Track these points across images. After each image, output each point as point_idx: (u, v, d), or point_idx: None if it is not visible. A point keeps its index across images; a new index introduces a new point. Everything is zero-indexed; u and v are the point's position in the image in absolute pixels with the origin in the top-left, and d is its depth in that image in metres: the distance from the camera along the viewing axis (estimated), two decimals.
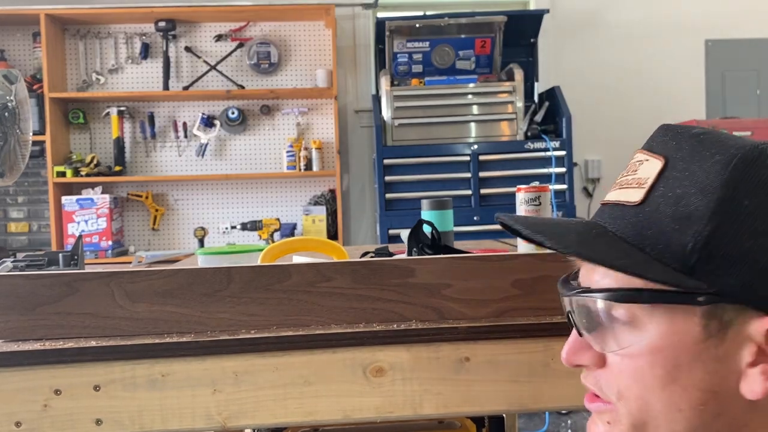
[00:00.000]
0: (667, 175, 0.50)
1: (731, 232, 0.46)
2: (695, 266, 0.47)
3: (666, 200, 0.49)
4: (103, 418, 0.79)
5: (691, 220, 0.47)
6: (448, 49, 3.36)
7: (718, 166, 0.47)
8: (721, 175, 0.47)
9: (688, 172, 0.49)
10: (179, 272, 0.84)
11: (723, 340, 0.47)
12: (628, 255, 0.50)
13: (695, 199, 0.48)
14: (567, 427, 2.87)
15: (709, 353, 0.47)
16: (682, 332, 0.48)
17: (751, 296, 0.46)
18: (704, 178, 0.48)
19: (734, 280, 0.46)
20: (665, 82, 3.76)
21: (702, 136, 0.50)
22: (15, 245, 3.44)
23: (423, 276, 0.85)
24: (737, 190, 0.46)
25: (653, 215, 0.50)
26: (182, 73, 3.57)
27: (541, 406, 0.84)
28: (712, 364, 0.47)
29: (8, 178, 1.28)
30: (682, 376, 0.48)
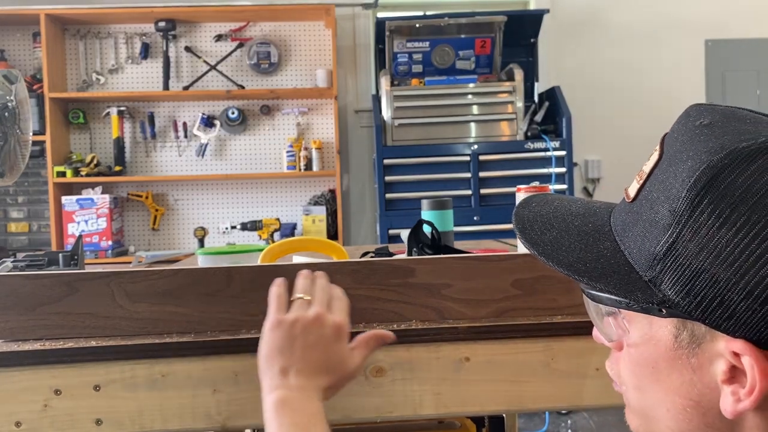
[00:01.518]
0: (656, 173, 0.48)
1: (689, 247, 0.43)
2: (657, 277, 0.46)
3: (646, 203, 0.48)
4: (103, 418, 0.79)
5: (656, 229, 0.46)
6: (448, 49, 3.37)
7: (685, 173, 0.44)
8: (686, 183, 0.44)
9: (667, 174, 0.46)
10: (179, 272, 0.84)
11: (695, 353, 0.45)
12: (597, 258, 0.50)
13: (662, 206, 0.45)
14: (567, 427, 2.87)
15: (683, 362, 0.46)
16: (657, 338, 0.47)
17: (710, 316, 0.43)
18: (673, 185, 0.45)
19: (692, 298, 0.44)
20: (665, 82, 3.76)
21: (699, 129, 0.46)
22: (15, 245, 3.44)
23: (423, 276, 0.85)
24: (698, 204, 0.43)
25: (636, 216, 0.49)
26: (182, 73, 3.57)
27: (540, 406, 0.84)
28: (688, 374, 0.46)
29: (8, 178, 1.28)
30: (662, 378, 0.48)
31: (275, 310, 0.74)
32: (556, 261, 0.51)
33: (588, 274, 0.49)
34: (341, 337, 0.74)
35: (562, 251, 0.52)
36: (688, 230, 0.43)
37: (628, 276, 0.48)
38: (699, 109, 0.49)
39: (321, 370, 0.73)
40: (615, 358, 0.55)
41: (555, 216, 0.56)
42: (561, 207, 0.57)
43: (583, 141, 3.55)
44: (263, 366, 0.73)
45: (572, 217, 0.56)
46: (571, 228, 0.54)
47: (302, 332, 0.73)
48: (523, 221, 0.56)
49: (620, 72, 3.75)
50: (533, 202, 0.59)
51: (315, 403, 0.71)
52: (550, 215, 0.56)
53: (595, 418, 2.89)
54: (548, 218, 0.56)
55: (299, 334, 0.72)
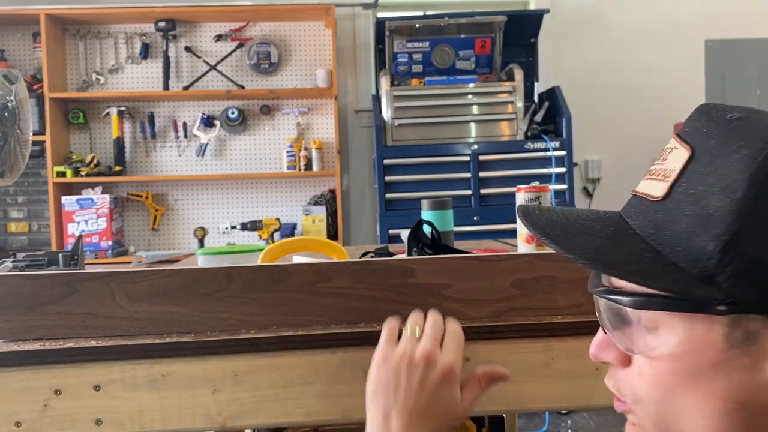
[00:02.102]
0: (691, 168, 0.46)
1: (754, 238, 0.42)
2: (714, 273, 0.43)
3: (688, 198, 0.45)
4: (103, 418, 0.79)
5: (711, 222, 0.43)
6: (448, 49, 3.37)
7: (744, 161, 0.43)
8: (746, 172, 0.42)
9: (713, 166, 0.44)
10: (179, 272, 0.84)
11: (748, 351, 0.44)
12: (640, 259, 0.47)
13: (716, 198, 0.43)
14: (567, 427, 2.87)
15: (732, 363, 0.44)
16: (702, 340, 0.45)
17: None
18: (728, 175, 0.43)
19: (757, 290, 0.42)
20: (665, 82, 3.76)
21: (736, 122, 0.45)
22: (15, 245, 3.44)
23: (423, 276, 0.85)
24: (763, 191, 0.42)
25: (674, 213, 0.46)
26: (182, 73, 3.57)
27: (540, 406, 0.84)
28: (736, 375, 0.44)
29: (8, 178, 1.28)
30: (703, 385, 0.45)
31: (385, 341, 0.72)
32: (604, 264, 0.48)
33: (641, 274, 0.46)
34: (450, 379, 0.70)
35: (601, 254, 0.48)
36: (750, 220, 0.42)
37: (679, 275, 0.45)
38: (717, 106, 0.47)
39: (424, 415, 0.68)
40: (624, 374, 0.51)
41: (569, 221, 0.53)
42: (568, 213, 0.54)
43: (583, 141, 3.55)
44: (369, 400, 0.70)
45: (589, 221, 0.52)
46: (595, 230, 0.51)
47: (408, 371, 0.69)
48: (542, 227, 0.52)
49: (620, 72, 3.75)
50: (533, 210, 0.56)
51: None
52: (562, 220, 0.53)
53: (595, 418, 2.89)
54: (563, 224, 0.52)
55: (404, 372, 0.69)
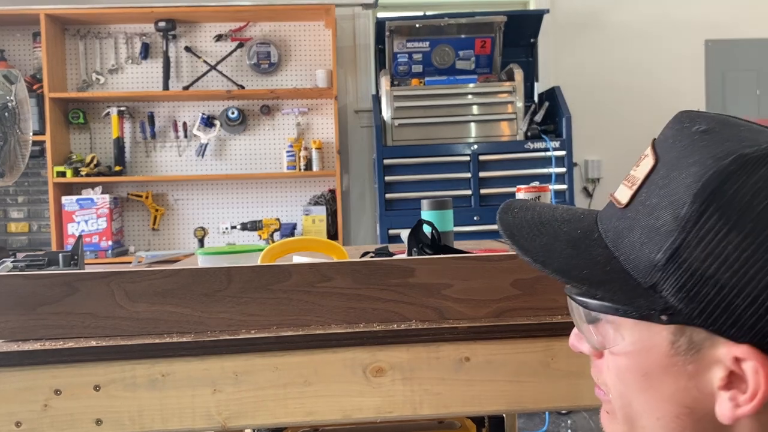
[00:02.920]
0: (652, 179, 0.48)
1: (696, 254, 0.43)
2: (658, 284, 0.45)
3: (644, 208, 0.47)
4: (103, 418, 0.79)
5: (658, 235, 0.45)
6: (448, 49, 3.37)
7: (691, 178, 0.44)
8: (692, 189, 0.43)
9: (668, 179, 0.46)
10: (179, 272, 0.84)
11: (693, 359, 0.45)
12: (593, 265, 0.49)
13: (665, 212, 0.45)
14: (567, 427, 2.88)
15: (678, 369, 0.46)
16: (651, 344, 0.47)
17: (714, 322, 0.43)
18: (676, 190, 0.44)
19: (696, 304, 0.43)
20: (665, 82, 3.76)
21: (699, 135, 0.46)
22: (15, 245, 3.44)
23: (423, 276, 0.85)
24: (706, 208, 0.42)
25: (632, 222, 0.48)
26: (182, 73, 3.57)
27: (540, 406, 0.84)
28: (683, 381, 0.46)
29: (8, 178, 1.28)
30: (655, 386, 0.47)
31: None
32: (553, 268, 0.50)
33: (587, 281, 0.48)
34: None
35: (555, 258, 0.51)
36: (694, 236, 0.43)
37: (626, 283, 0.47)
38: (691, 115, 0.48)
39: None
40: (599, 365, 0.54)
41: (541, 222, 0.55)
42: (544, 213, 0.56)
43: (582, 141, 3.55)
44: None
45: (558, 222, 0.54)
46: (559, 233, 0.53)
47: None
48: (510, 227, 0.55)
49: (620, 72, 3.75)
50: (515, 207, 0.58)
51: None
52: (535, 221, 0.55)
53: (595, 418, 2.89)
54: (534, 224, 0.55)
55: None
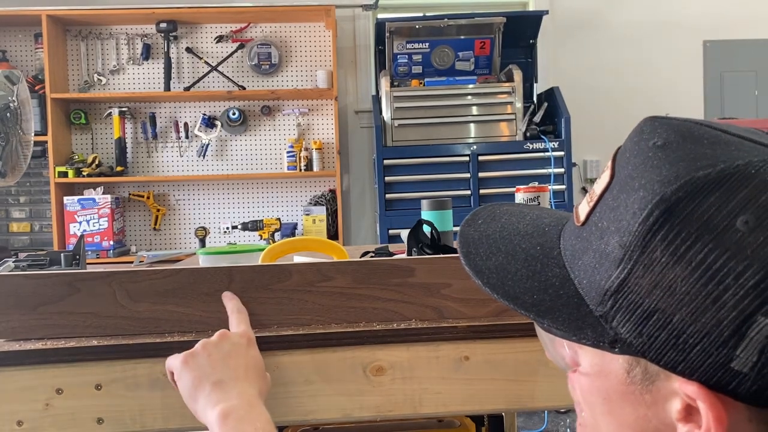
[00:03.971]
0: (605, 198, 0.44)
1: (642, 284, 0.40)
2: (608, 313, 0.42)
3: (596, 230, 0.44)
4: (105, 418, 0.80)
5: (607, 261, 0.42)
6: (447, 50, 3.37)
7: (637, 204, 0.40)
8: (637, 216, 0.40)
9: (617, 201, 0.42)
10: (180, 272, 0.84)
11: (649, 390, 0.42)
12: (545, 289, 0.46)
13: (613, 238, 0.42)
14: (566, 426, 2.88)
15: (636, 397, 0.43)
16: (608, 370, 0.44)
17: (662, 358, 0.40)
18: (623, 216, 0.41)
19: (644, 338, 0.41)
20: (663, 83, 3.77)
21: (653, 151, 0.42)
22: (17, 245, 3.45)
23: (423, 275, 0.86)
24: (651, 239, 0.39)
25: (586, 244, 0.45)
26: (183, 74, 3.58)
27: (539, 404, 0.85)
28: (642, 409, 0.43)
29: (10, 178, 1.29)
30: (615, 410, 0.45)
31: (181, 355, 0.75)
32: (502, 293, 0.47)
33: (535, 308, 0.46)
34: (252, 342, 0.77)
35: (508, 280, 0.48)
36: (641, 267, 0.40)
37: (578, 310, 0.44)
38: (653, 125, 0.45)
39: (248, 374, 0.74)
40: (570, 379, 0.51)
41: (502, 236, 0.52)
42: (508, 225, 0.53)
43: (581, 141, 3.55)
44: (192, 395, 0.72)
45: (519, 237, 0.51)
46: (517, 251, 0.50)
47: (215, 349, 0.74)
48: (468, 243, 0.51)
49: (619, 73, 3.76)
50: (480, 218, 0.55)
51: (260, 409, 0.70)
52: (496, 235, 0.52)
53: None
54: (494, 239, 0.51)
55: (213, 351, 0.74)
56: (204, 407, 0.71)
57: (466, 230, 0.53)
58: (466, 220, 0.55)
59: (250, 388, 0.72)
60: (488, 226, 0.53)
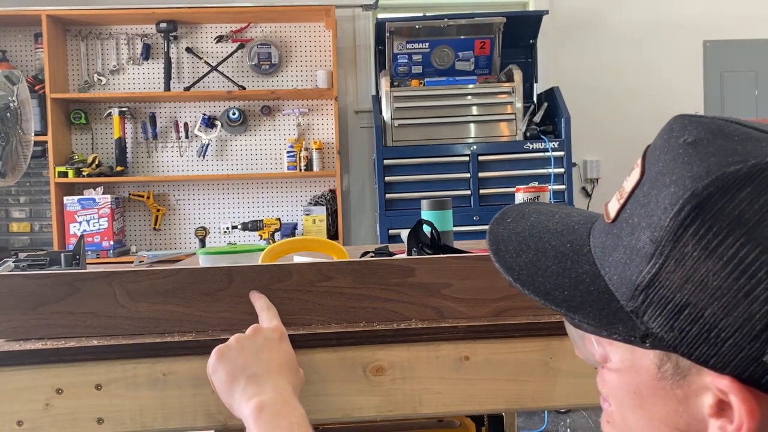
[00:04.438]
0: (636, 194, 0.45)
1: (673, 279, 0.41)
2: (639, 308, 0.43)
3: (627, 226, 0.45)
4: (105, 417, 0.80)
5: (638, 257, 0.43)
6: (447, 50, 3.37)
7: (668, 200, 0.41)
8: (669, 211, 0.40)
9: (648, 198, 0.43)
10: (180, 272, 0.84)
11: (680, 385, 0.43)
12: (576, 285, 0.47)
13: (644, 234, 0.42)
14: (566, 426, 2.88)
15: (667, 392, 0.44)
16: (639, 365, 0.45)
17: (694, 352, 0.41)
18: (654, 212, 0.42)
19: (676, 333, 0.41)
20: (664, 83, 3.77)
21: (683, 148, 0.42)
22: (17, 245, 3.45)
23: (423, 275, 0.86)
24: (682, 234, 0.40)
25: (616, 240, 0.45)
26: (183, 74, 3.58)
27: (539, 404, 0.85)
28: (672, 404, 0.44)
29: (10, 178, 1.29)
30: (646, 405, 0.45)
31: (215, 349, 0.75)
32: (533, 289, 0.48)
33: (566, 303, 0.46)
34: (284, 337, 0.77)
35: (538, 276, 0.49)
36: (672, 261, 0.40)
37: (609, 305, 0.45)
38: (683, 122, 0.45)
39: (282, 369, 0.74)
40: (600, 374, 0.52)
41: (531, 234, 0.53)
42: (538, 223, 0.54)
43: (581, 141, 3.55)
44: (228, 389, 0.72)
45: (549, 235, 0.52)
46: (548, 248, 0.51)
47: (248, 342, 0.74)
48: (497, 241, 0.52)
49: (619, 73, 3.76)
50: (509, 217, 0.56)
51: (294, 404, 0.70)
52: (526, 233, 0.53)
53: (594, 417, 2.89)
54: (524, 237, 0.52)
55: (246, 345, 0.74)
56: (239, 401, 0.71)
57: (495, 228, 0.54)
58: (495, 218, 0.56)
59: (284, 383, 0.72)
60: (517, 224, 0.54)
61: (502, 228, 0.54)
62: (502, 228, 0.54)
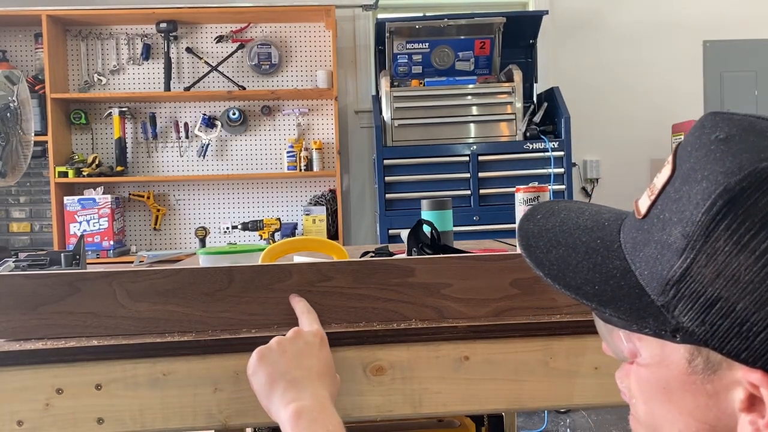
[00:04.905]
0: (667, 190, 0.45)
1: (705, 273, 0.41)
2: (670, 303, 0.43)
3: (658, 222, 0.45)
4: (105, 417, 0.80)
5: (669, 252, 0.43)
6: (447, 50, 3.37)
7: (700, 195, 0.41)
8: (700, 206, 0.41)
9: (680, 193, 0.43)
10: (181, 272, 0.84)
11: (711, 379, 0.43)
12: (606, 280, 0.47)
13: (676, 229, 0.43)
14: (566, 425, 2.88)
15: (697, 387, 0.44)
16: (669, 360, 0.45)
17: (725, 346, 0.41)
18: (686, 207, 0.42)
19: (707, 327, 0.42)
20: (663, 83, 3.77)
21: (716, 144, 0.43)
22: (17, 245, 3.45)
23: (423, 275, 0.86)
24: (714, 229, 0.40)
25: (647, 236, 0.46)
26: (183, 74, 3.58)
27: (539, 404, 0.85)
28: (702, 399, 0.44)
29: (10, 178, 1.29)
30: (674, 400, 0.46)
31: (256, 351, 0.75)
32: (564, 283, 0.49)
33: (597, 298, 0.47)
34: (324, 342, 0.77)
35: (569, 272, 0.49)
36: (704, 256, 0.41)
37: (640, 300, 0.45)
38: (715, 119, 0.45)
39: (321, 375, 0.74)
40: (626, 370, 0.52)
41: (561, 230, 0.53)
42: (568, 219, 0.54)
43: (581, 141, 3.55)
44: (267, 392, 0.72)
45: (580, 231, 0.53)
46: (578, 244, 0.51)
47: (289, 345, 0.74)
48: (527, 237, 0.53)
49: (619, 73, 3.76)
50: (539, 213, 0.56)
51: (331, 411, 0.70)
52: (556, 229, 0.53)
53: (594, 417, 2.90)
54: (554, 233, 0.53)
55: (287, 348, 0.74)
56: (278, 405, 0.71)
57: (525, 225, 0.55)
58: (525, 215, 0.56)
59: (323, 389, 0.72)
60: (547, 221, 0.55)
61: (531, 224, 0.55)
62: (531, 224, 0.55)
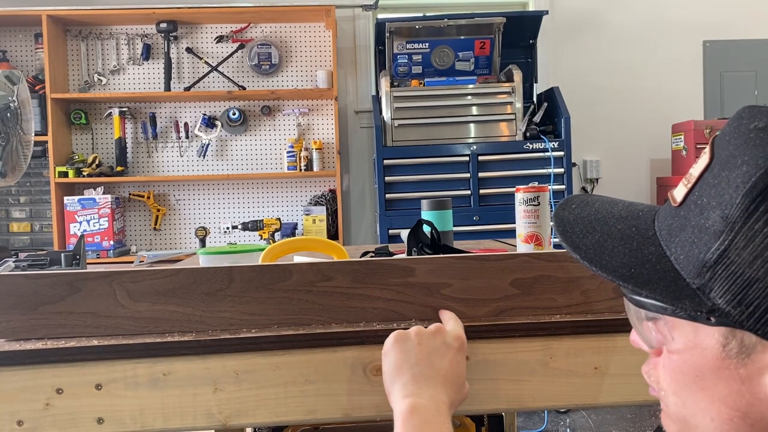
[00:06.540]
0: (705, 177, 0.46)
1: (743, 255, 0.42)
2: (706, 285, 0.44)
3: (696, 207, 0.46)
4: (105, 417, 0.80)
5: (707, 236, 0.44)
6: (447, 50, 3.37)
7: (741, 178, 0.43)
8: (740, 190, 0.42)
9: (718, 179, 0.45)
10: (181, 272, 0.84)
11: (744, 363, 0.44)
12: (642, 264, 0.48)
13: (714, 213, 0.44)
14: (566, 426, 2.88)
15: (730, 372, 0.44)
16: (703, 345, 0.46)
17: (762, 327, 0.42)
18: (726, 191, 0.43)
19: (744, 308, 0.42)
20: (663, 83, 3.77)
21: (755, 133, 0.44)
22: (17, 245, 3.45)
23: (423, 275, 0.86)
24: (754, 211, 0.41)
25: (684, 221, 0.47)
26: (183, 74, 3.58)
27: (539, 404, 0.85)
28: (735, 384, 0.44)
29: (10, 178, 1.29)
30: (707, 387, 0.46)
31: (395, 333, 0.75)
32: (600, 266, 0.50)
33: (633, 279, 0.48)
34: (463, 347, 0.76)
35: (605, 255, 0.50)
36: (742, 238, 0.42)
37: (675, 283, 0.46)
38: (752, 111, 0.46)
39: (448, 380, 0.73)
40: (653, 363, 0.53)
41: (597, 219, 0.55)
42: (602, 209, 0.56)
43: (581, 141, 3.55)
44: (392, 377, 0.73)
45: (615, 219, 0.54)
46: (614, 231, 0.52)
47: (427, 339, 0.74)
48: (563, 223, 0.55)
49: (618, 73, 3.76)
50: (573, 203, 0.58)
51: (446, 418, 0.70)
52: (591, 218, 0.55)
53: (594, 417, 2.90)
54: (589, 221, 0.54)
55: (424, 341, 0.74)
56: (396, 395, 0.71)
57: (561, 213, 0.56)
58: (560, 205, 0.58)
59: (444, 395, 0.72)
60: (582, 210, 0.56)
61: (567, 213, 0.56)
62: (567, 213, 0.56)
